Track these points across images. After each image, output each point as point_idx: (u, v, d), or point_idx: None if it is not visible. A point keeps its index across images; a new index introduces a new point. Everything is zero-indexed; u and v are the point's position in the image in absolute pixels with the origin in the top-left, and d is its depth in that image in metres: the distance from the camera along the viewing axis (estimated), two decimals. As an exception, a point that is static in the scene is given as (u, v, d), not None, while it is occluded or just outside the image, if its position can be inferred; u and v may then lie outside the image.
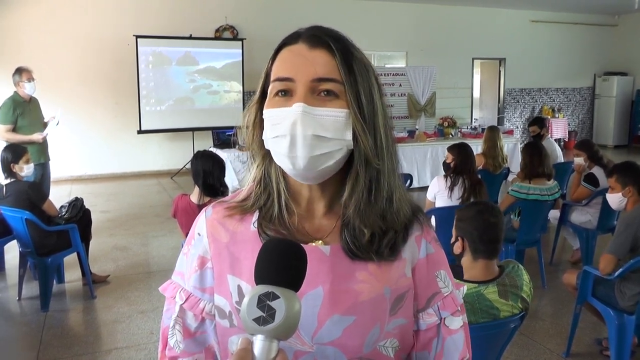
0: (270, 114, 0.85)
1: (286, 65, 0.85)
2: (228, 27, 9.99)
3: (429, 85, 10.19)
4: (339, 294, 0.86)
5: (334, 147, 0.84)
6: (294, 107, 0.82)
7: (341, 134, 0.83)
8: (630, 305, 2.94)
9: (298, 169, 0.83)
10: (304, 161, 0.82)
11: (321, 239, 0.90)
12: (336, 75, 0.83)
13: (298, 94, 0.83)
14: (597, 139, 13.26)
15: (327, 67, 0.83)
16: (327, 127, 0.82)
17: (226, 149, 7.57)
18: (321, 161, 0.83)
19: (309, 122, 0.81)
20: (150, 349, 3.40)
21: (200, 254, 0.94)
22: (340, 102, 0.84)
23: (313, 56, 0.84)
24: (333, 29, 0.88)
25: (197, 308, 0.93)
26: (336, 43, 0.85)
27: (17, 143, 4.93)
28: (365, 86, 0.85)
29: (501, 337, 2.15)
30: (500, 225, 2.21)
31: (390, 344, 0.90)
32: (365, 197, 0.87)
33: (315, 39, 0.85)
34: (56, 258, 4.08)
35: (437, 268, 0.96)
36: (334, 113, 0.83)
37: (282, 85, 0.84)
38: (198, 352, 0.94)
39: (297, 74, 0.83)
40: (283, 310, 0.66)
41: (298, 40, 0.86)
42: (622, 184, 3.43)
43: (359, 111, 0.84)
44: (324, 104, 0.83)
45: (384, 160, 0.87)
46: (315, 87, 0.83)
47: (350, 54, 0.85)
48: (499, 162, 5.54)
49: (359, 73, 0.85)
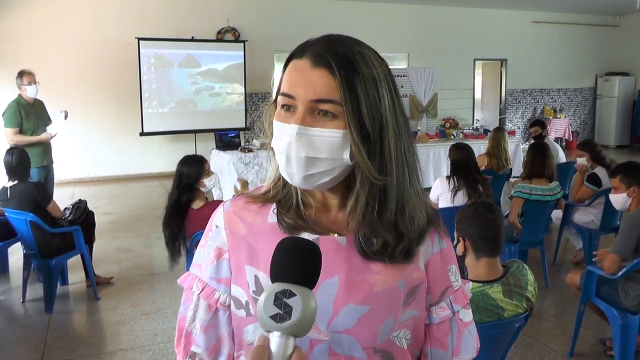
0: (276, 126, 0.88)
1: (290, 81, 0.86)
2: (230, 29, 10.00)
3: (431, 87, 10.20)
4: (355, 284, 0.88)
5: (329, 167, 0.85)
6: (291, 127, 0.84)
7: (337, 153, 0.85)
8: (634, 305, 2.94)
9: (295, 183, 0.88)
10: (299, 179, 0.86)
11: (337, 232, 0.92)
12: (335, 97, 0.83)
13: (298, 112, 0.85)
14: (599, 139, 13.24)
15: (326, 87, 0.83)
16: (321, 148, 0.84)
17: (228, 150, 7.57)
18: (316, 178, 0.86)
19: (303, 143, 0.84)
20: (154, 350, 3.41)
21: (217, 246, 0.96)
22: (339, 122, 0.84)
23: (314, 76, 0.84)
24: (345, 38, 0.88)
25: (212, 298, 0.95)
26: (339, 61, 0.83)
27: (26, 144, 4.98)
28: (370, 104, 0.84)
29: (506, 337, 2.16)
30: (498, 221, 2.22)
31: (404, 335, 0.92)
32: (369, 212, 0.88)
33: (318, 57, 0.84)
34: (60, 260, 4.09)
35: (449, 262, 0.98)
36: (330, 134, 0.84)
37: (286, 100, 0.87)
38: (203, 347, 0.96)
39: (298, 93, 0.85)
40: (300, 307, 0.67)
41: (304, 54, 0.86)
42: (626, 184, 3.43)
43: (359, 131, 0.84)
44: (323, 124, 0.84)
45: (392, 174, 0.87)
46: (314, 107, 0.84)
47: (354, 72, 0.84)
48: (503, 162, 5.64)
49: (362, 91, 0.84)
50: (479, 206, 2.31)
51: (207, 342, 0.96)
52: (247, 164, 7.30)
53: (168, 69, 9.35)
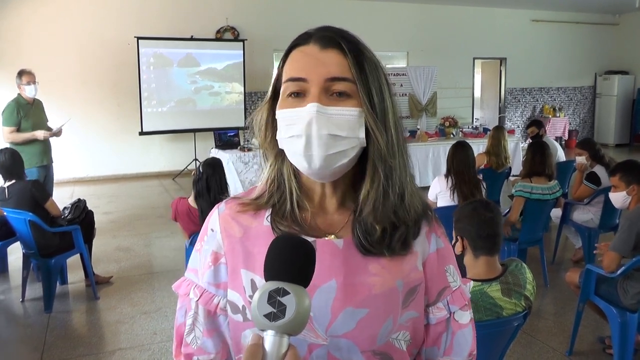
0: (284, 115, 0.86)
1: (299, 65, 0.86)
2: (229, 28, 10.00)
3: (430, 85, 10.19)
4: (352, 287, 0.87)
5: (349, 145, 0.85)
6: (308, 107, 0.83)
7: (355, 132, 0.85)
8: (633, 304, 2.95)
9: (314, 167, 0.85)
10: (320, 160, 0.84)
11: (333, 234, 0.91)
12: (348, 75, 0.84)
13: (312, 94, 0.84)
14: (599, 137, 13.25)
15: (340, 67, 0.84)
16: (341, 126, 0.84)
17: (228, 149, 7.58)
18: (336, 159, 0.85)
19: (324, 121, 0.83)
20: (154, 349, 3.41)
21: (213, 250, 0.95)
22: (353, 102, 0.85)
23: (325, 56, 0.85)
24: (343, 29, 0.89)
25: (212, 304, 0.93)
26: (347, 43, 0.86)
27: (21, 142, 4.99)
28: (376, 85, 0.86)
29: (505, 336, 2.16)
30: (496, 219, 2.22)
31: (403, 336, 0.91)
32: (381, 193, 0.88)
33: (327, 39, 0.86)
34: (59, 259, 4.08)
35: (447, 262, 0.97)
36: (348, 112, 0.84)
37: (295, 85, 0.85)
38: (213, 352, 0.94)
39: (310, 75, 0.84)
40: (293, 306, 0.67)
41: (309, 41, 0.87)
42: (626, 182, 3.43)
43: (371, 109, 0.85)
44: (337, 104, 0.84)
45: (395, 157, 0.89)
46: (328, 87, 0.84)
47: (361, 54, 0.86)
48: (502, 161, 5.65)
49: (370, 72, 0.86)
50: (477, 205, 2.31)
51: (216, 346, 0.93)
52: (246, 163, 7.31)
53: (167, 68, 9.35)
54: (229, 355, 0.95)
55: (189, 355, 0.94)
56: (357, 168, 0.90)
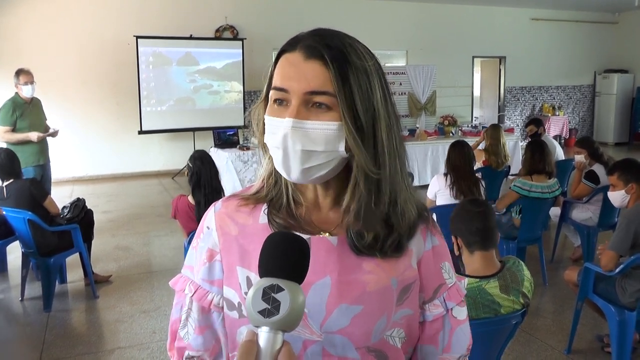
0: (269, 121, 0.87)
1: (282, 75, 0.86)
2: (228, 27, 9.99)
3: (429, 84, 10.19)
4: (347, 284, 0.88)
5: (326, 159, 0.85)
6: (285, 121, 0.83)
7: (333, 145, 0.84)
8: (632, 302, 2.95)
9: (292, 177, 0.87)
10: (297, 172, 0.85)
11: (328, 231, 0.91)
12: (329, 88, 0.83)
13: (292, 106, 0.84)
14: (598, 136, 13.25)
15: (320, 79, 0.83)
16: (317, 141, 0.83)
17: (227, 148, 7.58)
18: (313, 171, 0.85)
19: (299, 137, 0.83)
20: (153, 348, 3.42)
21: (209, 247, 0.95)
22: (333, 114, 0.84)
23: (307, 68, 0.84)
24: (335, 32, 0.88)
25: (205, 300, 0.94)
26: (332, 53, 0.83)
27: (16, 142, 4.99)
28: (362, 95, 0.84)
29: (503, 334, 2.16)
30: (486, 213, 2.24)
31: (397, 333, 0.91)
32: (366, 203, 0.87)
33: (311, 49, 0.84)
34: (58, 258, 4.09)
35: (442, 260, 0.98)
36: (325, 126, 0.83)
37: (279, 94, 0.86)
38: (203, 349, 0.95)
39: (291, 86, 0.84)
40: (288, 302, 0.67)
41: (296, 47, 0.86)
42: (624, 181, 3.43)
43: (354, 122, 0.84)
44: (317, 117, 0.83)
45: (385, 166, 0.87)
46: (308, 100, 0.84)
47: (346, 64, 0.83)
48: (502, 159, 5.64)
49: (355, 82, 0.83)
50: (465, 202, 2.39)
51: (205, 343, 0.95)
52: (245, 161, 7.31)
53: (166, 67, 9.34)
54: (220, 351, 0.96)
55: (181, 349, 0.97)
56: (348, 172, 0.90)
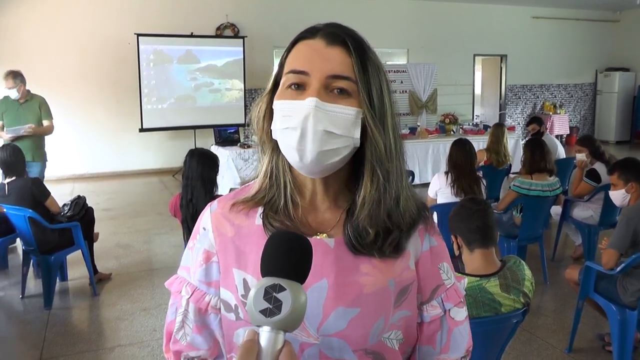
0: (281, 106, 0.86)
1: (302, 58, 0.85)
2: (229, 25, 9.98)
3: (430, 82, 10.19)
4: (344, 286, 0.87)
5: (342, 144, 0.84)
6: (307, 101, 0.82)
7: (350, 131, 0.84)
8: (633, 301, 2.94)
9: (305, 162, 0.84)
10: (312, 155, 0.83)
11: (325, 233, 0.91)
12: (351, 74, 0.84)
13: (312, 88, 0.83)
14: (599, 135, 13.22)
15: (343, 65, 0.84)
16: (337, 123, 0.83)
17: (228, 146, 7.58)
18: (328, 156, 0.84)
19: (321, 117, 0.82)
20: (153, 346, 3.41)
21: (205, 248, 0.95)
22: (352, 101, 0.84)
23: (330, 53, 0.84)
24: (349, 27, 0.89)
25: (203, 302, 0.94)
26: (353, 42, 0.86)
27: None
28: (377, 87, 0.86)
29: (503, 333, 2.16)
30: (485, 211, 2.23)
31: (395, 336, 0.91)
32: (379, 196, 0.87)
33: (333, 36, 0.85)
34: (59, 256, 4.09)
35: (440, 260, 0.97)
36: (346, 110, 0.84)
37: (297, 78, 0.85)
38: (203, 348, 0.94)
39: (313, 69, 0.84)
40: (289, 302, 0.67)
41: (316, 35, 0.86)
42: (624, 180, 3.43)
43: (371, 110, 0.85)
44: (336, 101, 0.84)
45: (392, 160, 0.88)
46: (329, 84, 0.84)
47: (365, 54, 0.86)
48: (502, 158, 5.64)
49: (372, 74, 0.86)
50: (464, 201, 2.38)
51: (206, 342, 0.94)
52: (246, 160, 7.30)
53: (167, 65, 9.33)
54: (220, 352, 0.95)
55: (178, 352, 0.95)
56: (351, 169, 0.90)
